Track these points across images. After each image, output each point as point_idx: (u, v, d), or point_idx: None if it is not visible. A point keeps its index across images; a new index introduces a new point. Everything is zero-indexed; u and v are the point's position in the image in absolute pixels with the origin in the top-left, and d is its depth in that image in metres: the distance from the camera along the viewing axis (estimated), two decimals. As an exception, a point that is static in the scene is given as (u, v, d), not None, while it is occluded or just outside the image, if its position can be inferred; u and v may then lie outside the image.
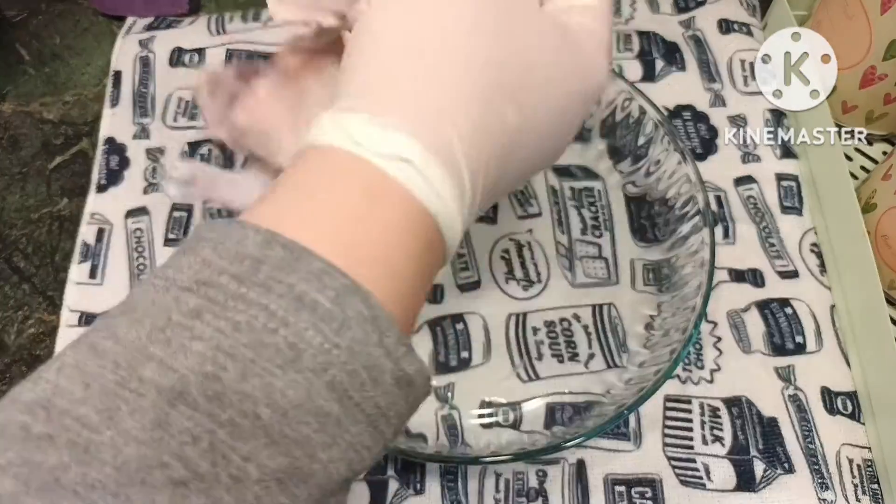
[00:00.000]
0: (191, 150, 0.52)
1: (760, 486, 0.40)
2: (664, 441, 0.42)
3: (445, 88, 0.20)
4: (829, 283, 0.47)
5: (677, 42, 0.55)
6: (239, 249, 0.17)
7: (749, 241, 0.48)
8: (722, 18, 0.56)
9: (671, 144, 0.45)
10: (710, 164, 0.51)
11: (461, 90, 0.20)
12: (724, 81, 0.54)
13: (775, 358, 0.44)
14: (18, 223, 0.51)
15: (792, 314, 0.45)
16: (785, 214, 0.49)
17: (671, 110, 0.53)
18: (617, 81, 0.47)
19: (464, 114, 0.20)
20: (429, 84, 0.20)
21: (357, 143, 0.19)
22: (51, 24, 0.60)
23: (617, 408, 0.39)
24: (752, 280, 0.47)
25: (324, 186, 0.19)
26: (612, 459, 0.41)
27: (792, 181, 0.50)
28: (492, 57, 0.20)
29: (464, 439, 0.42)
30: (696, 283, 0.41)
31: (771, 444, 0.41)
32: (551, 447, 0.37)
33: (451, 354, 0.44)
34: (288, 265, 0.17)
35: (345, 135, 0.19)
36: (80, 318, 0.46)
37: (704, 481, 0.41)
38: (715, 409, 0.43)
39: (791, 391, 0.43)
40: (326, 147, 0.19)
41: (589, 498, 0.40)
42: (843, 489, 0.40)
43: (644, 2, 0.58)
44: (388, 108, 0.19)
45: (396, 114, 0.19)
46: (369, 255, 0.18)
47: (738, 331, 0.45)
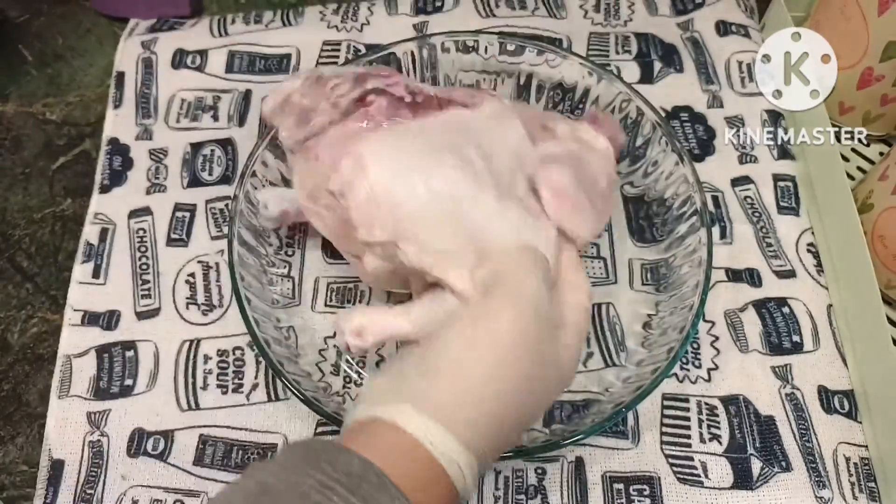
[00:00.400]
0: (193, 150, 0.52)
1: (758, 483, 0.41)
2: (662, 439, 0.42)
3: (489, 421, 0.30)
4: (825, 283, 0.47)
5: (675, 44, 0.56)
6: (347, 469, 0.26)
7: (746, 240, 0.48)
8: (720, 20, 0.57)
9: (669, 145, 0.46)
10: (708, 165, 0.51)
11: (497, 421, 0.31)
12: (722, 83, 0.54)
13: (772, 357, 0.44)
14: (22, 223, 0.52)
15: (789, 313, 0.46)
16: (782, 214, 0.49)
17: (669, 111, 0.53)
18: (615, 83, 0.47)
19: (494, 435, 0.31)
20: (480, 416, 0.30)
21: (432, 444, 0.29)
22: (53, 25, 0.60)
23: (615, 406, 0.39)
24: (750, 280, 0.47)
25: (404, 454, 0.28)
26: (610, 457, 0.42)
27: (789, 181, 0.50)
28: (522, 406, 0.32)
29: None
30: (693, 282, 0.42)
31: (768, 443, 0.42)
32: (550, 445, 0.38)
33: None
34: (380, 488, 0.26)
35: (423, 434, 0.29)
36: (83, 317, 0.46)
37: (702, 479, 0.41)
38: (712, 408, 0.43)
39: (788, 390, 0.43)
40: (410, 435, 0.29)
41: (587, 495, 0.41)
42: (840, 487, 0.41)
43: (642, 4, 0.58)
44: (455, 422, 0.29)
45: (460, 429, 0.29)
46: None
47: (735, 330, 0.45)
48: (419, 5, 0.58)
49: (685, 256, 0.44)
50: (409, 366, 0.32)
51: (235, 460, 0.42)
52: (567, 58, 0.48)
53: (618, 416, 0.38)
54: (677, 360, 0.39)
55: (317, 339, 0.45)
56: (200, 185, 0.51)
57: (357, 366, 0.44)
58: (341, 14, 0.58)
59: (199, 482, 0.41)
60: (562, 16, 0.58)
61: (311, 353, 0.44)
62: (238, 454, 0.42)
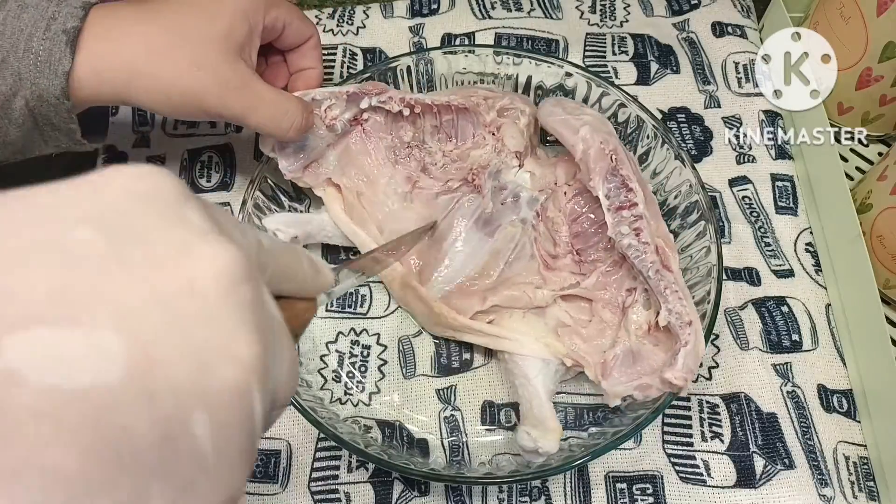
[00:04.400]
0: (190, 157, 0.52)
1: (761, 482, 0.41)
2: (664, 438, 0.42)
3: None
4: (824, 283, 0.47)
5: (671, 45, 0.56)
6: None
7: (745, 240, 0.49)
8: (716, 21, 0.57)
9: (670, 151, 0.45)
10: (705, 166, 0.51)
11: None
12: (719, 83, 0.54)
13: (773, 355, 0.45)
14: (20, 231, 0.51)
15: (788, 312, 0.46)
16: (780, 214, 0.50)
17: (666, 112, 0.53)
18: (611, 91, 0.47)
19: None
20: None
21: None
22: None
23: (634, 419, 0.39)
24: (749, 279, 0.47)
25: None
26: (612, 457, 0.42)
27: (787, 181, 0.51)
28: None
29: (467, 443, 0.42)
30: (702, 292, 0.41)
31: (770, 440, 0.42)
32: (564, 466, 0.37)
33: (454, 356, 0.45)
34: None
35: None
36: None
37: (704, 478, 0.41)
38: (714, 406, 0.43)
39: (789, 388, 0.44)
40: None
41: (591, 495, 0.41)
42: (840, 486, 0.41)
43: (638, 4, 0.58)
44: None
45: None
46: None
47: (735, 328, 0.46)
48: (415, 8, 0.58)
49: (691, 263, 0.44)
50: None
51: (239, 467, 0.42)
52: (563, 67, 0.48)
53: (637, 430, 0.38)
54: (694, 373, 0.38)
55: (318, 345, 0.45)
56: (199, 191, 0.51)
57: (359, 373, 0.44)
58: (337, 17, 0.58)
59: (204, 489, 0.41)
60: (558, 17, 0.58)
61: (313, 360, 0.44)
62: (242, 461, 0.42)
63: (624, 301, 0.42)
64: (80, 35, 0.36)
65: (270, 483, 0.42)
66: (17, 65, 0.35)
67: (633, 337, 0.41)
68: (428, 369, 0.44)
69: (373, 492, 0.41)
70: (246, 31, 0.40)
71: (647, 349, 0.40)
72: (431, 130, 0.47)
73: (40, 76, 0.35)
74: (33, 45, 0.35)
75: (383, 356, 0.45)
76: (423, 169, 0.46)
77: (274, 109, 0.40)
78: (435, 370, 0.44)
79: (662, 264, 0.40)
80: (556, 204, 0.45)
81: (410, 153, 0.46)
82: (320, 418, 0.38)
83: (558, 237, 0.45)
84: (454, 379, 0.44)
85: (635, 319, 0.41)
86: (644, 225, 0.40)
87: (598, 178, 0.41)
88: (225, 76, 0.38)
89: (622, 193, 0.40)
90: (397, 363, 0.45)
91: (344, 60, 0.56)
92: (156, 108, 0.39)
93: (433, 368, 0.44)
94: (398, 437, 0.42)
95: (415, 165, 0.46)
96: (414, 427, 0.43)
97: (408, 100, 0.43)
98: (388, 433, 0.42)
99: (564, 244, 0.45)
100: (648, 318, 0.41)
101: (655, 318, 0.40)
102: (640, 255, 0.40)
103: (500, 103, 0.46)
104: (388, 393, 0.44)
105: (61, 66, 0.35)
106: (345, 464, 0.42)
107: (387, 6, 0.58)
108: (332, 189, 0.46)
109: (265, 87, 0.40)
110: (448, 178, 0.46)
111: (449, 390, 0.44)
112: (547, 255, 0.45)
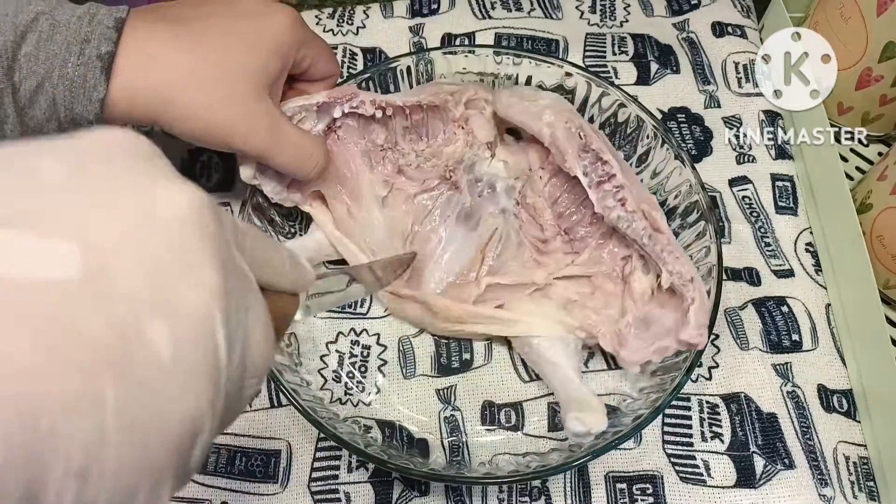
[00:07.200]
0: (191, 157, 0.52)
1: (761, 481, 0.41)
2: (664, 438, 0.42)
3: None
4: (824, 283, 0.47)
5: (671, 45, 0.56)
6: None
7: (745, 240, 0.49)
8: (716, 21, 0.57)
9: (670, 151, 0.45)
10: (705, 165, 0.51)
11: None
12: (719, 83, 0.54)
13: (773, 355, 0.45)
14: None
15: (788, 312, 0.46)
16: (780, 214, 0.50)
17: (666, 112, 0.53)
18: (611, 91, 0.47)
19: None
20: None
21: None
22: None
23: (634, 419, 0.39)
24: (749, 279, 0.47)
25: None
26: (612, 457, 0.42)
27: (787, 181, 0.51)
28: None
29: (467, 443, 0.42)
30: None
31: (770, 440, 0.42)
32: (564, 466, 0.37)
33: (454, 356, 0.45)
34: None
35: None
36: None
37: (704, 478, 0.41)
38: (714, 406, 0.43)
39: (789, 388, 0.44)
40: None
41: (591, 495, 0.41)
42: (840, 486, 0.41)
43: (638, 4, 0.58)
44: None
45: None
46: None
47: (735, 328, 0.46)
48: (415, 7, 0.58)
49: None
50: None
51: (239, 467, 0.42)
52: (563, 67, 0.48)
53: (637, 430, 0.38)
54: (692, 370, 0.39)
55: (318, 345, 0.45)
56: (199, 191, 0.51)
57: (359, 373, 0.44)
58: (337, 17, 0.58)
59: (203, 490, 0.41)
60: (558, 17, 0.58)
61: (313, 360, 0.44)
62: (241, 461, 0.42)
63: (623, 270, 0.43)
64: (115, 58, 0.35)
65: (270, 483, 0.42)
66: (52, 91, 0.34)
67: (639, 303, 0.41)
68: (428, 369, 0.44)
69: (373, 492, 0.41)
70: (279, 67, 0.39)
71: (657, 312, 0.41)
72: (402, 132, 0.46)
73: (75, 102, 0.35)
74: (68, 71, 0.34)
75: (383, 356, 0.45)
76: (399, 171, 0.46)
77: (299, 152, 0.40)
78: (435, 370, 0.44)
79: (653, 228, 0.40)
80: (534, 189, 0.46)
81: (385, 156, 0.46)
82: (320, 418, 0.38)
83: (544, 221, 0.45)
84: (454, 379, 0.44)
85: (638, 287, 0.42)
86: (627, 194, 0.40)
87: (572, 158, 0.41)
88: (254, 114, 0.38)
89: (598, 167, 0.41)
90: (397, 363, 0.45)
91: (344, 60, 0.56)
92: (184, 136, 0.38)
93: (433, 368, 0.44)
94: (398, 437, 0.42)
95: (391, 168, 0.46)
96: (414, 427, 0.43)
97: (378, 102, 0.43)
98: (388, 433, 0.42)
99: (552, 227, 0.45)
100: (650, 282, 0.42)
101: (657, 281, 0.41)
102: (631, 223, 0.40)
103: (465, 96, 0.46)
104: (388, 393, 0.44)
105: (96, 92, 0.35)
106: (345, 464, 0.42)
107: (387, 6, 0.58)
108: (319, 204, 0.46)
109: (291, 127, 0.39)
110: (424, 177, 0.46)
111: (449, 390, 0.44)
112: (537, 240, 0.45)
